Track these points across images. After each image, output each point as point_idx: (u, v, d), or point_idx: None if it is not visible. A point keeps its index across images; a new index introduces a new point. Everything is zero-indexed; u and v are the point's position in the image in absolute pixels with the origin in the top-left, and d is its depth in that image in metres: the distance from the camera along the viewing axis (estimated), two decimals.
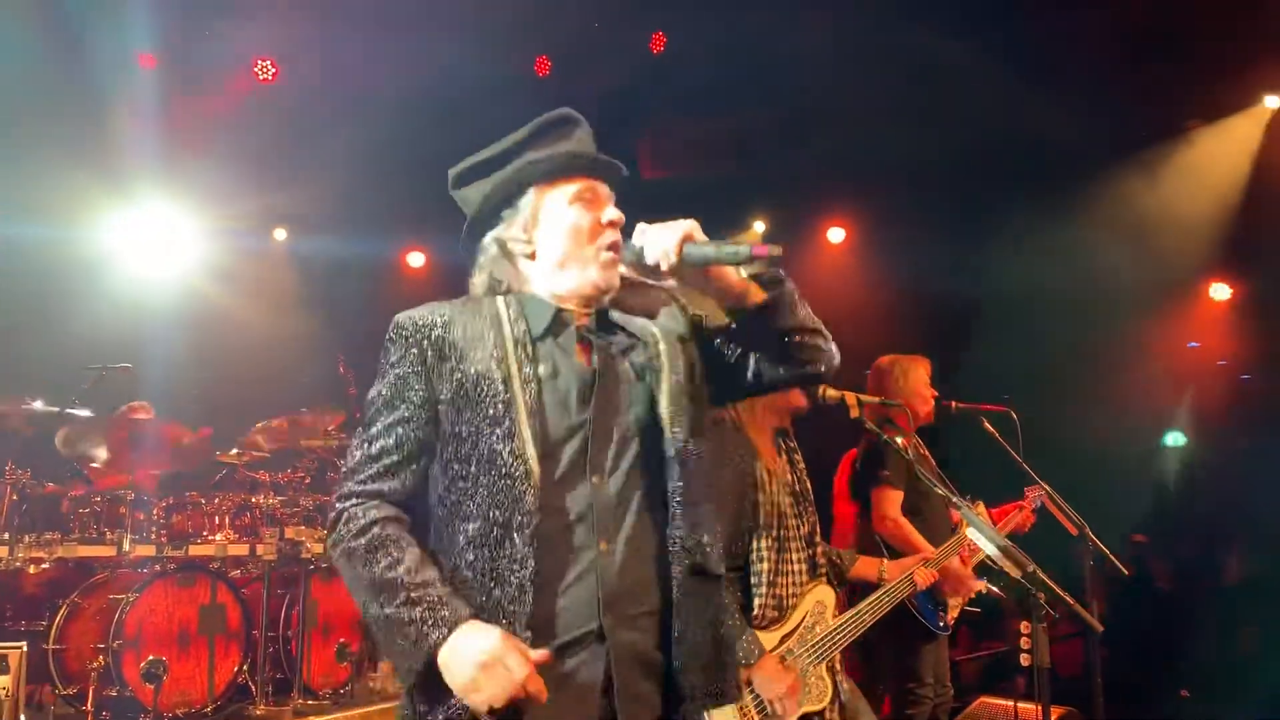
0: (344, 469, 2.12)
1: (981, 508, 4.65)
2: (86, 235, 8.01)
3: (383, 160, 8.25)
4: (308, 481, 5.66)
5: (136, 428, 5.31)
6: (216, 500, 5.33)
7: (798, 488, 3.64)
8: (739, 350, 2.24)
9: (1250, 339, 9.29)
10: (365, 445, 2.09)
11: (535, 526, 1.98)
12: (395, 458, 2.06)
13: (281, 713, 4.97)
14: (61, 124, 7.33)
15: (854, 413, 4.50)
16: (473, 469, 2.02)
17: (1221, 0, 7.19)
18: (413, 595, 1.92)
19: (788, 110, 8.57)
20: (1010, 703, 5.79)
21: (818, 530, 3.67)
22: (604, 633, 1.99)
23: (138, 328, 7.45)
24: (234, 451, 5.80)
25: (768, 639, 3.41)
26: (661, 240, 2.05)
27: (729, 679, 2.12)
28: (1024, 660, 2.46)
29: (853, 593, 4.25)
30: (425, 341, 2.09)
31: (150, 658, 4.72)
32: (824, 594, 3.64)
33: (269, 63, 8.01)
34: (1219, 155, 8.25)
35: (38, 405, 5.40)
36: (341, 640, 5.44)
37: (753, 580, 3.43)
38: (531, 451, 2.00)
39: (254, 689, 5.03)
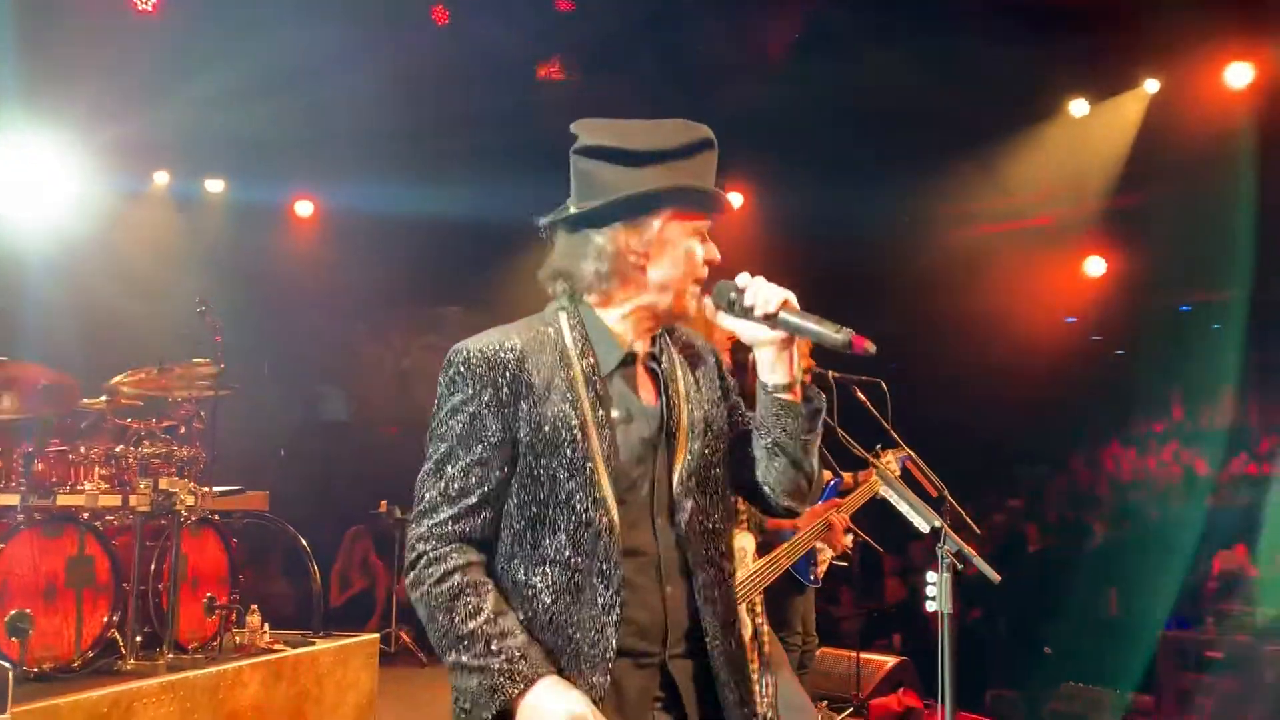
0: (417, 507, 2.10)
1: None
2: None
3: (272, 106, 8.01)
4: (181, 431, 5.51)
5: None
6: (83, 449, 5.15)
7: None
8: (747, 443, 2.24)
9: (1124, 314, 9.68)
10: (442, 485, 2.07)
11: (619, 575, 2.03)
12: (474, 499, 2.06)
13: (155, 667, 4.84)
14: None
15: None
16: (550, 513, 2.06)
17: None
18: (492, 646, 1.97)
19: (685, 72, 8.58)
20: (851, 653, 6.20)
21: None
22: (666, 663, 2.10)
23: (6, 269, 7.14)
24: (102, 399, 5.60)
25: None
26: (767, 292, 2.07)
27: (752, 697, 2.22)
28: (927, 607, 2.59)
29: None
30: (501, 380, 2.07)
31: (14, 611, 4.56)
32: (745, 540, 3.83)
33: None
34: (1100, 133, 8.56)
35: None
36: (209, 594, 5.35)
37: None
38: (611, 500, 2.05)
39: (122, 643, 4.91)
